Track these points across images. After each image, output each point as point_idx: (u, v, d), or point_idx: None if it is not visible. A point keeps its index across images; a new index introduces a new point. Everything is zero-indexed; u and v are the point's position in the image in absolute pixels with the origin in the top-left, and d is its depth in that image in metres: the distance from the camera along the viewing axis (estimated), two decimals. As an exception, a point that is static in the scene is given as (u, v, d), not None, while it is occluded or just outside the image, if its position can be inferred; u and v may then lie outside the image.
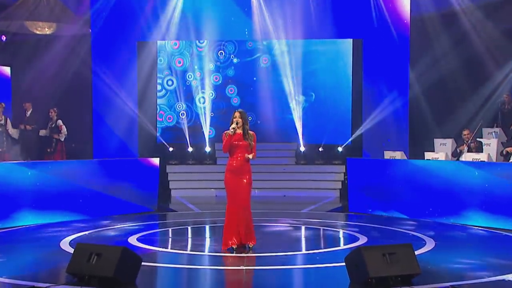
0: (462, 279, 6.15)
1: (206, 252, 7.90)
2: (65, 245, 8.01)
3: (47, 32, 13.55)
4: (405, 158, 11.98)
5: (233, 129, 7.50)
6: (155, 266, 6.98)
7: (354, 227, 9.78)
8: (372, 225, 10.00)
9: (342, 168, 14.55)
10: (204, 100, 16.00)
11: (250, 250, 7.51)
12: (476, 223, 9.83)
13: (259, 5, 15.11)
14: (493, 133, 12.24)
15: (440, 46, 14.10)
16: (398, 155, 11.73)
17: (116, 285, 5.71)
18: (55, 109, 13.19)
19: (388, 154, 11.95)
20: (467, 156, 10.68)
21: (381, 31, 14.64)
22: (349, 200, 11.98)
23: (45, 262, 7.23)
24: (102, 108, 14.93)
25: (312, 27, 14.94)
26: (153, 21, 15.02)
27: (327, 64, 15.74)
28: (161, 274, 6.80)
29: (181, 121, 16.02)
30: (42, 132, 13.20)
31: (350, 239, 8.72)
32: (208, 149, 15.64)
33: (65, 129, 13.15)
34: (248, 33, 15.33)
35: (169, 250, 8.17)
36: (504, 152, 10.84)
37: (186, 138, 15.67)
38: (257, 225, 9.60)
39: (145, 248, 7.91)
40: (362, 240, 8.43)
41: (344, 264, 6.06)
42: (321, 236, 9.39)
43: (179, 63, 16.10)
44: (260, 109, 15.95)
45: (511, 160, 10.54)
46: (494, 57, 13.43)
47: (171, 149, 15.65)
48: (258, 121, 15.81)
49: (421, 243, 8.16)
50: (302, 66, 15.60)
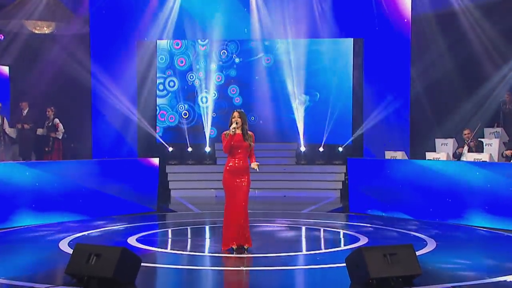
0: (463, 280, 6.13)
1: (206, 253, 7.87)
2: (64, 245, 7.99)
3: (46, 32, 13.52)
4: (406, 158, 11.94)
5: (233, 129, 7.46)
6: (154, 266, 6.96)
7: (355, 228, 9.76)
8: (373, 225, 9.98)
9: (343, 168, 14.51)
10: (207, 100, 15.97)
11: (246, 252, 7.48)
12: (478, 223, 9.80)
13: (260, 4, 15.08)
14: (495, 133, 12.21)
15: (441, 45, 14.06)
16: (399, 155, 11.70)
17: (115, 285, 5.69)
18: (52, 108, 13.14)
19: (389, 154, 11.91)
20: (469, 156, 10.64)
21: (382, 30, 14.60)
22: (349, 200, 11.96)
23: (44, 263, 7.21)
24: (101, 107, 14.89)
25: (312, 27, 14.91)
26: (152, 20, 14.98)
27: (328, 64, 15.69)
28: (161, 274, 6.77)
29: (182, 120, 15.98)
30: (40, 131, 13.15)
31: (350, 239, 8.69)
32: (208, 149, 15.61)
33: (62, 127, 13.12)
34: (249, 32, 15.29)
35: (168, 250, 8.14)
36: (504, 155, 10.79)
37: (186, 138, 15.63)
38: (257, 226, 9.62)
39: (144, 248, 7.88)
40: (363, 240, 8.41)
41: (344, 264, 6.04)
42: (322, 236, 9.36)
43: (181, 62, 16.05)
44: (261, 109, 15.90)
45: (512, 161, 10.52)
46: (495, 56, 13.38)
47: (170, 149, 15.61)
48: (261, 121, 15.76)
49: (422, 243, 8.13)
50: (304, 65, 15.54)
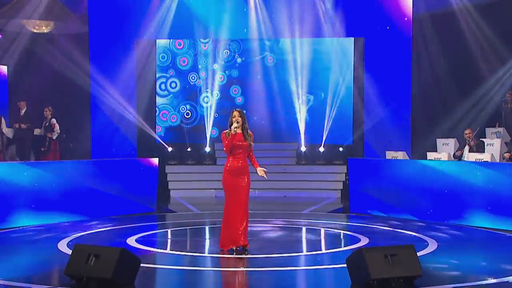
0: (465, 281, 6.10)
1: (206, 254, 7.83)
2: (62, 246, 7.95)
3: (45, 31, 13.50)
4: (407, 158, 11.90)
5: (235, 128, 7.44)
6: (154, 267, 6.93)
7: (355, 228, 9.73)
8: (374, 226, 9.95)
9: (343, 169, 14.49)
10: (209, 100, 15.94)
11: (245, 253, 7.45)
12: (480, 224, 9.76)
13: (261, 4, 15.04)
14: (496, 133, 12.18)
15: (442, 44, 14.02)
16: (400, 155, 11.66)
17: (114, 286, 5.67)
18: (50, 107, 13.07)
19: (390, 154, 11.88)
20: (470, 156, 10.59)
21: (383, 29, 14.56)
22: (350, 200, 11.94)
23: (43, 264, 7.18)
24: (100, 107, 14.86)
25: (313, 26, 14.89)
26: (151, 19, 14.95)
27: (329, 63, 15.65)
28: (160, 275, 6.74)
29: (184, 120, 15.94)
30: (37, 131, 13.06)
31: (351, 240, 8.67)
32: (207, 149, 15.57)
33: (58, 128, 13.03)
34: (249, 32, 15.23)
35: (168, 251, 8.13)
36: (504, 158, 10.74)
37: (186, 138, 15.60)
38: (258, 226, 9.59)
39: (144, 249, 7.85)
40: (364, 241, 8.38)
41: (345, 265, 6.01)
42: (322, 237, 9.33)
43: (184, 62, 16.02)
44: (263, 109, 15.89)
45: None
46: (497, 55, 13.36)
47: (170, 149, 15.57)
48: (263, 122, 15.72)
49: (424, 244, 8.10)
50: (305, 65, 15.53)
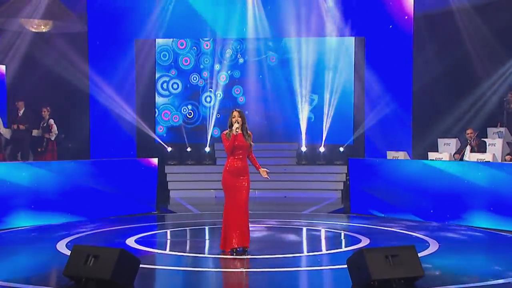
0: (466, 282, 6.07)
1: (205, 254, 7.81)
2: (61, 247, 7.93)
3: (43, 30, 13.47)
4: (408, 158, 11.89)
5: (236, 129, 7.43)
6: (153, 268, 6.91)
7: (356, 229, 9.71)
8: (375, 226, 9.93)
9: (344, 169, 14.47)
10: (211, 99, 15.92)
11: (245, 253, 7.44)
12: (481, 224, 9.74)
13: (262, 3, 14.99)
14: (498, 133, 12.14)
15: (443, 44, 13.97)
16: (401, 155, 11.65)
17: (113, 287, 5.63)
18: (48, 108, 12.99)
19: (391, 155, 11.86)
20: (472, 157, 10.56)
21: (384, 29, 14.52)
22: (351, 201, 11.92)
23: (41, 265, 7.15)
24: (99, 107, 14.82)
25: (315, 26, 14.85)
26: (151, 18, 14.90)
27: (330, 63, 15.60)
28: (160, 276, 6.72)
29: (187, 120, 15.93)
30: (35, 132, 12.94)
31: (352, 240, 8.63)
32: (207, 149, 15.53)
33: (56, 128, 12.95)
34: (253, 31, 15.21)
35: (167, 252, 8.11)
36: (506, 160, 10.70)
37: (185, 138, 15.57)
38: (258, 227, 9.58)
39: (143, 250, 7.84)
40: (365, 241, 8.36)
41: (346, 266, 5.99)
42: (323, 237, 9.31)
43: (186, 62, 16.00)
44: (265, 109, 15.89)
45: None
46: (498, 54, 13.31)
47: (169, 149, 15.54)
48: (246, 112, 15.70)
49: (425, 245, 8.08)
50: (307, 65, 15.51)
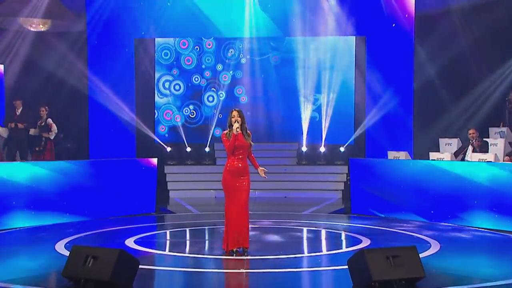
0: (468, 283, 6.05)
1: (205, 255, 7.78)
2: (60, 247, 7.92)
3: (42, 29, 13.43)
4: (409, 158, 11.87)
5: (237, 129, 7.42)
6: (152, 269, 6.88)
7: (357, 229, 9.69)
8: (376, 227, 9.90)
9: (345, 169, 14.47)
10: (213, 99, 15.88)
11: (245, 254, 7.43)
12: (483, 225, 9.71)
13: (264, 2, 14.95)
14: (500, 133, 12.11)
15: (445, 43, 13.91)
16: (402, 155, 11.63)
17: (112, 288, 5.63)
18: (46, 107, 12.92)
19: (392, 155, 11.84)
20: (473, 157, 10.53)
21: (384, 28, 14.48)
22: (351, 201, 11.90)
23: (40, 265, 7.13)
24: (98, 107, 14.75)
25: (315, 25, 14.80)
26: (150, 17, 14.87)
27: (331, 62, 15.57)
28: (159, 277, 6.70)
29: (189, 120, 15.93)
30: (32, 131, 12.81)
31: (352, 241, 8.61)
32: (207, 149, 15.50)
33: (56, 127, 12.85)
34: (254, 31, 15.18)
35: (167, 252, 8.08)
36: (505, 160, 10.68)
37: (189, 137, 15.54)
38: (258, 227, 9.56)
39: (142, 250, 7.82)
40: (365, 242, 8.34)
41: (346, 267, 5.97)
42: (323, 238, 9.29)
43: (188, 61, 15.99)
44: (267, 108, 15.89)
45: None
46: (501, 53, 13.27)
47: (169, 149, 15.51)
48: (248, 113, 15.69)
49: (426, 245, 8.06)
50: (308, 64, 15.50)
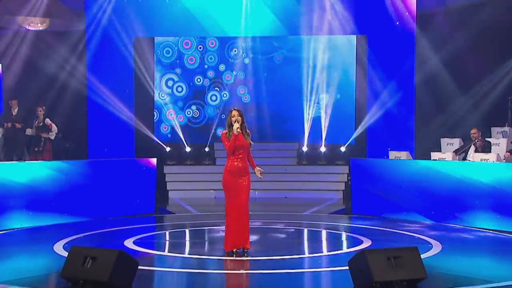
0: (469, 284, 6.03)
1: (205, 256, 7.75)
2: (59, 248, 7.90)
3: (40, 28, 13.39)
4: (411, 158, 11.85)
5: (237, 129, 7.40)
6: (152, 270, 6.86)
7: (358, 230, 9.66)
8: (377, 227, 9.88)
9: (346, 169, 14.43)
10: (216, 98, 15.87)
11: (245, 254, 7.41)
12: (485, 225, 9.67)
13: (266, 1, 14.92)
14: (502, 132, 12.08)
15: (446, 42, 13.87)
16: (403, 155, 11.61)
17: (111, 290, 5.60)
18: (43, 107, 12.84)
19: (393, 155, 11.82)
20: (475, 157, 10.50)
21: (386, 26, 14.44)
22: (352, 201, 11.88)
23: (38, 266, 7.11)
24: (97, 107, 14.70)
25: (316, 24, 14.76)
26: (150, 17, 14.82)
27: (332, 61, 15.54)
28: (158, 278, 6.68)
29: (192, 120, 15.92)
30: (29, 131, 12.73)
31: (353, 242, 8.58)
32: (207, 149, 15.47)
33: (55, 127, 12.76)
34: (256, 30, 15.15)
35: (166, 253, 8.06)
36: (505, 157, 10.65)
37: (182, 138, 15.51)
38: (258, 228, 9.54)
39: (141, 251, 7.81)
40: (366, 243, 8.32)
41: (347, 268, 5.94)
42: (324, 239, 9.28)
43: (191, 60, 15.96)
44: (269, 108, 15.87)
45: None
46: (503, 53, 13.23)
47: (168, 149, 15.47)
48: (251, 114, 15.65)
49: (428, 246, 8.03)
50: (310, 63, 15.46)
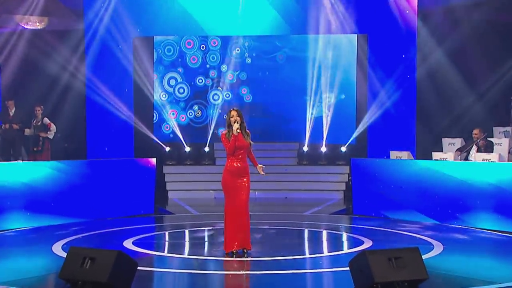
0: (471, 285, 6.02)
1: (204, 256, 7.73)
2: (57, 249, 7.89)
3: (39, 27, 13.37)
4: (412, 158, 11.82)
5: (237, 129, 7.40)
6: (151, 270, 6.86)
7: (359, 230, 9.66)
8: (377, 228, 9.86)
9: (346, 169, 14.41)
10: (218, 98, 15.89)
11: (245, 255, 7.41)
12: (487, 226, 9.64)
13: (268, 1, 14.91)
14: (504, 132, 12.04)
15: (448, 41, 13.83)
16: (404, 155, 11.57)
17: (110, 290, 5.59)
18: (41, 106, 12.79)
19: (394, 154, 11.78)
20: (477, 157, 10.46)
21: (386, 25, 14.40)
22: (353, 202, 11.86)
23: (37, 267, 7.09)
24: (96, 106, 14.65)
25: (317, 23, 14.73)
26: (150, 16, 14.79)
27: (332, 61, 15.51)
28: (158, 279, 6.67)
29: (195, 119, 15.94)
30: (27, 132, 12.63)
31: (354, 242, 8.56)
32: (206, 149, 15.44)
33: (54, 127, 12.68)
34: (258, 29, 15.12)
35: (166, 254, 8.05)
36: (510, 152, 10.61)
37: (180, 138, 15.47)
38: (258, 228, 9.52)
39: (141, 252, 7.80)
40: (367, 243, 8.31)
41: (348, 268, 5.93)
42: (324, 239, 9.25)
43: (194, 60, 15.97)
44: (270, 107, 15.87)
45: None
46: (504, 52, 13.21)
47: (167, 149, 15.44)
48: (253, 114, 15.63)
49: (429, 247, 8.01)
50: (313, 63, 15.45)
